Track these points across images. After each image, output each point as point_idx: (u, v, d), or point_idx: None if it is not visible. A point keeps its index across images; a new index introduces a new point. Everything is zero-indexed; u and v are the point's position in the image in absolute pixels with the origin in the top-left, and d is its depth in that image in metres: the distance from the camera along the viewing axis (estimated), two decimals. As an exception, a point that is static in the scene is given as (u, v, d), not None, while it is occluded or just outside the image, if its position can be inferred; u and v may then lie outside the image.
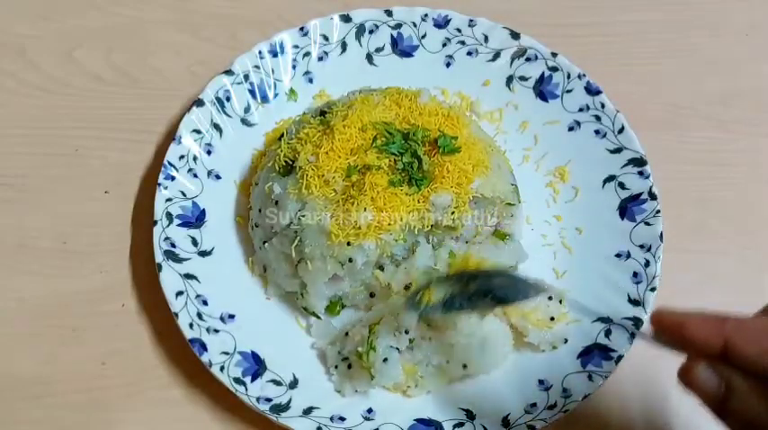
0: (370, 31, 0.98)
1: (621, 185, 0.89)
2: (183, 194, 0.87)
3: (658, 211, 0.86)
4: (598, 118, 0.93)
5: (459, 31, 0.98)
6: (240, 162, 0.92)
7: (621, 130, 0.91)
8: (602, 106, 0.93)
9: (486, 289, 0.71)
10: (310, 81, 0.97)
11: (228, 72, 0.93)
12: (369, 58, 0.99)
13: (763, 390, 0.49)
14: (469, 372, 0.80)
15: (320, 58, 0.98)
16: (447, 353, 0.79)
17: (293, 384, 0.80)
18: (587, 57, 0.99)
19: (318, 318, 0.83)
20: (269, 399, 0.77)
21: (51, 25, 1.05)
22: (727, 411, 0.50)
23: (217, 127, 0.92)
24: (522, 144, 0.95)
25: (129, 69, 1.02)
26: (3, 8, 1.06)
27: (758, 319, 0.50)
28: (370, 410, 0.78)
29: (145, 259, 0.86)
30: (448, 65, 0.98)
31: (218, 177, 0.90)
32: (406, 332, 0.78)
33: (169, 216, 0.85)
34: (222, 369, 0.78)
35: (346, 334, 0.81)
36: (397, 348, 0.77)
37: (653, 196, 0.87)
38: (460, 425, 0.77)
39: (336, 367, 0.80)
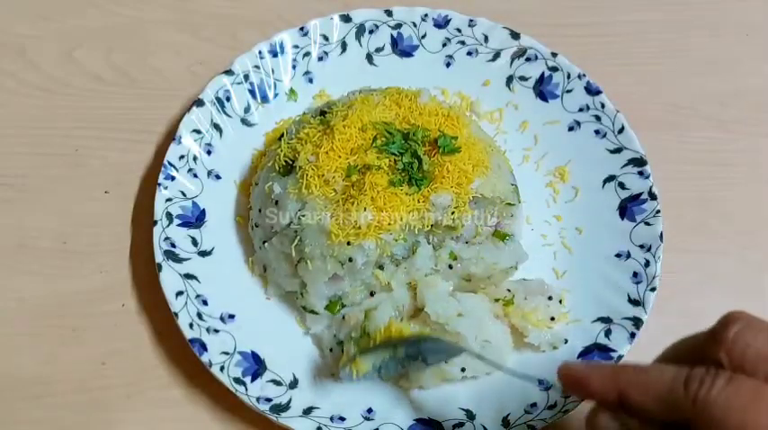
0: (370, 31, 0.98)
1: (621, 185, 0.89)
2: (183, 194, 0.87)
3: (658, 211, 0.86)
4: (598, 118, 0.93)
5: (459, 31, 0.98)
6: (240, 162, 0.92)
7: (621, 130, 0.91)
8: (602, 106, 0.93)
9: (415, 353, 0.75)
10: (310, 81, 0.97)
11: (228, 72, 0.93)
12: (369, 58, 0.99)
13: None
14: (467, 375, 0.80)
15: (320, 58, 0.98)
16: (447, 353, 0.80)
17: (293, 384, 0.80)
18: (587, 57, 0.99)
19: (315, 314, 0.83)
20: (269, 399, 0.77)
21: (51, 25, 1.05)
22: None
23: (217, 127, 0.92)
24: (522, 144, 0.95)
25: (129, 69, 1.01)
26: (3, 8, 1.06)
27: (649, 368, 0.55)
28: (369, 410, 0.78)
29: (145, 259, 0.86)
30: (448, 65, 0.98)
31: (218, 177, 0.90)
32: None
33: (169, 216, 0.85)
34: (222, 369, 0.78)
35: (343, 317, 0.81)
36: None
37: (653, 196, 0.87)
38: (460, 425, 0.77)
39: (331, 350, 0.80)
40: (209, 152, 0.91)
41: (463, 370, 0.79)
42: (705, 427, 0.50)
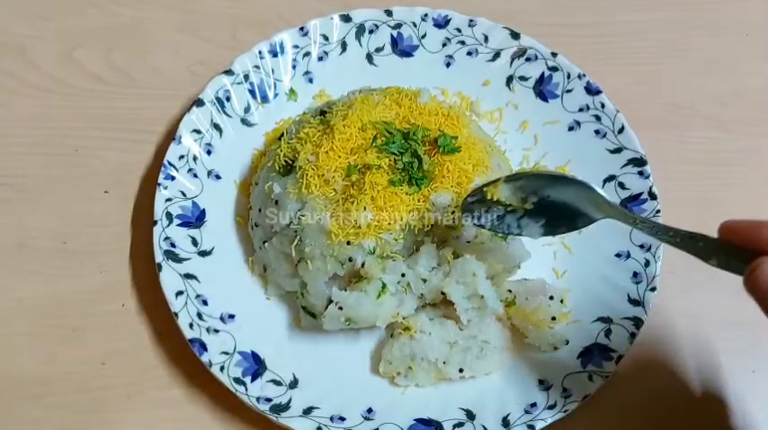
0: (370, 31, 0.98)
1: (621, 185, 0.89)
2: (183, 194, 0.87)
3: (658, 211, 0.86)
4: (598, 118, 0.93)
5: (459, 30, 0.98)
6: (240, 162, 0.92)
7: (621, 130, 0.91)
8: (602, 106, 0.93)
9: (540, 213, 0.73)
10: (310, 81, 0.97)
11: (228, 72, 0.93)
12: (369, 57, 0.99)
13: None
14: (465, 375, 0.80)
15: (320, 58, 0.98)
16: (445, 353, 0.79)
17: (293, 384, 0.80)
18: (587, 57, 0.99)
19: (314, 317, 0.83)
20: (269, 399, 0.77)
21: (51, 25, 1.05)
22: None
23: (217, 127, 0.92)
24: (522, 144, 0.95)
25: (129, 69, 1.01)
26: (3, 8, 1.06)
27: None
28: (369, 410, 0.78)
29: (145, 259, 0.86)
30: (448, 65, 0.98)
31: (218, 177, 0.90)
32: (402, 275, 0.79)
33: (169, 216, 0.85)
34: (222, 369, 0.78)
35: None
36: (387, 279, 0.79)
37: (653, 196, 0.87)
38: (460, 425, 0.77)
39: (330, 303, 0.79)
40: (209, 152, 0.91)
41: (461, 370, 0.79)
42: None
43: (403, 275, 0.78)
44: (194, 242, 0.85)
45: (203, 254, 0.85)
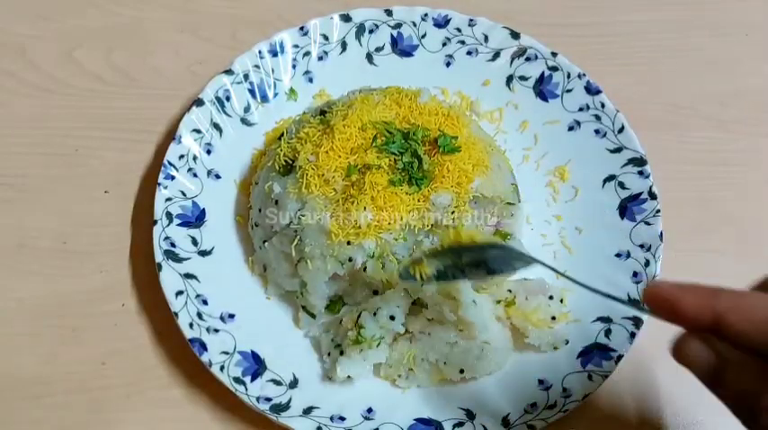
0: (370, 31, 0.98)
1: (621, 185, 0.89)
2: (183, 194, 0.87)
3: (658, 211, 0.86)
4: (598, 117, 0.93)
5: (459, 30, 0.98)
6: (240, 162, 0.92)
7: (621, 130, 0.91)
8: (602, 106, 0.93)
9: (479, 260, 0.72)
10: (310, 80, 0.97)
11: (228, 72, 0.93)
12: (369, 57, 0.99)
13: (753, 364, 0.50)
14: (465, 376, 0.80)
15: (320, 58, 0.98)
16: (445, 354, 0.79)
17: (293, 384, 0.80)
18: (587, 57, 0.99)
19: (314, 317, 0.83)
20: (269, 399, 0.77)
21: (51, 25, 1.05)
22: (721, 382, 0.51)
23: (217, 126, 0.92)
24: (522, 144, 0.95)
25: (129, 69, 1.02)
26: (3, 8, 1.06)
27: (751, 294, 0.51)
28: (369, 410, 0.78)
29: (145, 259, 0.86)
30: (448, 64, 0.98)
31: (218, 177, 0.90)
32: (392, 318, 0.78)
33: (169, 215, 0.85)
34: (222, 369, 0.78)
35: (340, 322, 0.81)
36: (384, 333, 0.78)
37: (653, 196, 0.87)
38: (460, 424, 0.77)
39: (329, 354, 0.80)
40: (208, 152, 0.91)
41: (462, 371, 0.79)
42: None
43: (392, 318, 0.78)
44: (194, 242, 0.85)
45: (203, 253, 0.85)
